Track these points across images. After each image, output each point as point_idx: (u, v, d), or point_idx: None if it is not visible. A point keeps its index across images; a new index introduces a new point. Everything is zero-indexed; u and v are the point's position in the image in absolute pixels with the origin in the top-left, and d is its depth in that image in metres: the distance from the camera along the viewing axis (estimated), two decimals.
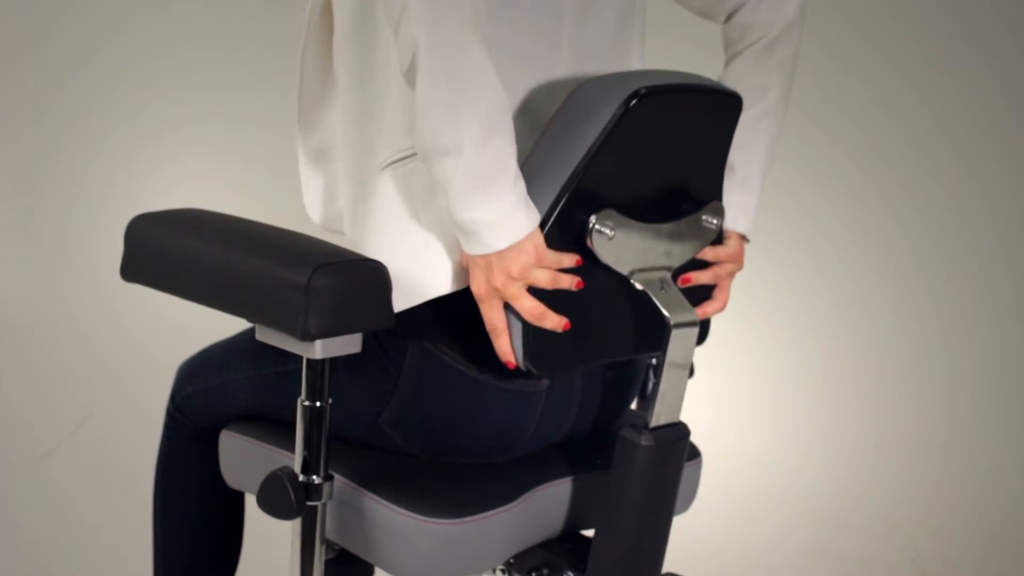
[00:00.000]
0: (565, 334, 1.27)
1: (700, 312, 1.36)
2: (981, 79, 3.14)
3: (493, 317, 1.25)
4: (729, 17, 1.48)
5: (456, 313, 1.30)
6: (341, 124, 1.38)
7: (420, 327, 1.32)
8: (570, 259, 1.25)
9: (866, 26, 3.15)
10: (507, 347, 1.26)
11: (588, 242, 1.26)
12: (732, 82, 1.45)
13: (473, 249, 1.21)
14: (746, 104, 1.39)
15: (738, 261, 1.42)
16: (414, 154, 1.28)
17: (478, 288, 1.24)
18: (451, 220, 1.20)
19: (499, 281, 1.22)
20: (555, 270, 1.24)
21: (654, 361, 1.47)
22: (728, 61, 1.48)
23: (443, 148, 1.15)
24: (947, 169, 3.17)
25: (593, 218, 1.26)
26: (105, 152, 3.34)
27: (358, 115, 1.35)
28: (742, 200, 1.45)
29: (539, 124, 1.30)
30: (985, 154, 3.16)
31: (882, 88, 3.16)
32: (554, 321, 1.24)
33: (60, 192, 3.33)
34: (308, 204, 1.49)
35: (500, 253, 1.20)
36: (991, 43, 3.13)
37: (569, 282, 1.25)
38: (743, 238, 1.45)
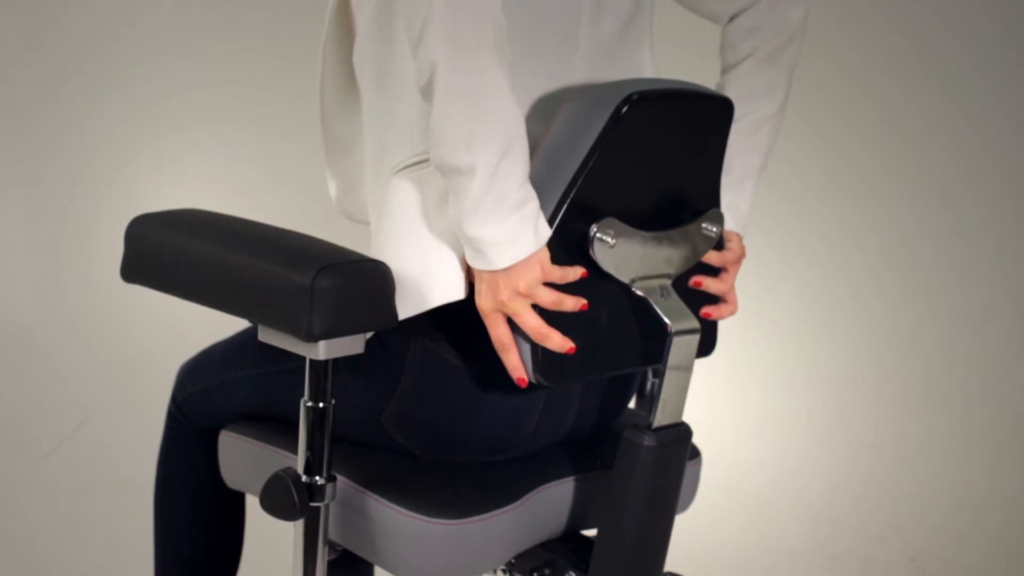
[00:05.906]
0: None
1: (716, 315, 1.39)
2: (976, 77, 3.15)
3: (499, 332, 1.25)
4: (733, 18, 1.48)
5: (458, 311, 1.30)
6: (363, 119, 1.39)
7: (422, 325, 1.32)
8: (575, 272, 1.24)
9: (859, 25, 3.16)
10: (516, 362, 1.26)
11: (590, 251, 1.26)
12: (736, 84, 1.46)
13: (479, 264, 1.22)
14: (749, 109, 1.41)
15: (742, 259, 1.44)
16: (427, 159, 1.28)
17: (483, 303, 1.24)
18: (459, 233, 1.21)
19: (504, 296, 1.22)
20: (559, 291, 1.23)
21: None
22: (730, 64, 1.48)
23: (456, 168, 1.16)
24: (944, 170, 3.17)
25: (594, 227, 1.26)
26: (105, 152, 3.34)
27: (376, 115, 1.35)
28: (737, 200, 1.47)
29: None
30: (981, 156, 3.16)
31: (879, 87, 3.17)
32: (558, 342, 1.24)
33: (61, 192, 3.33)
34: (333, 193, 1.51)
35: (506, 270, 1.21)
36: (985, 43, 3.13)
37: (573, 304, 1.24)
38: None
